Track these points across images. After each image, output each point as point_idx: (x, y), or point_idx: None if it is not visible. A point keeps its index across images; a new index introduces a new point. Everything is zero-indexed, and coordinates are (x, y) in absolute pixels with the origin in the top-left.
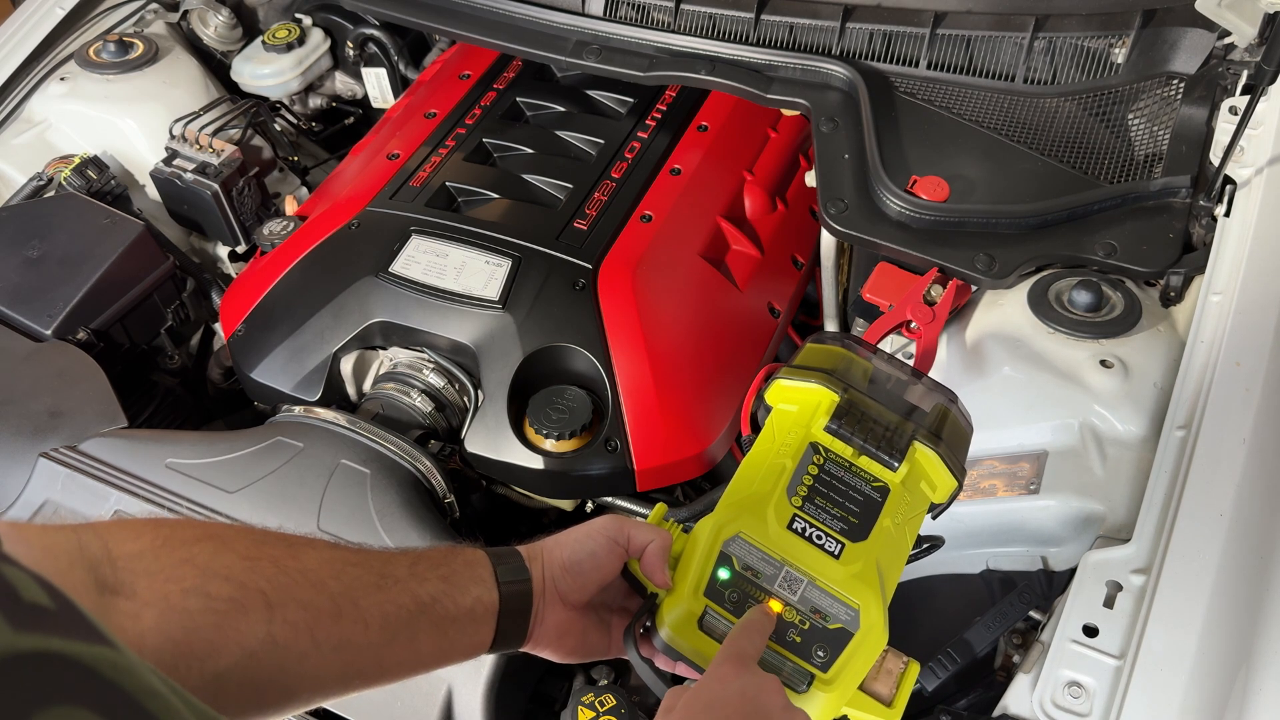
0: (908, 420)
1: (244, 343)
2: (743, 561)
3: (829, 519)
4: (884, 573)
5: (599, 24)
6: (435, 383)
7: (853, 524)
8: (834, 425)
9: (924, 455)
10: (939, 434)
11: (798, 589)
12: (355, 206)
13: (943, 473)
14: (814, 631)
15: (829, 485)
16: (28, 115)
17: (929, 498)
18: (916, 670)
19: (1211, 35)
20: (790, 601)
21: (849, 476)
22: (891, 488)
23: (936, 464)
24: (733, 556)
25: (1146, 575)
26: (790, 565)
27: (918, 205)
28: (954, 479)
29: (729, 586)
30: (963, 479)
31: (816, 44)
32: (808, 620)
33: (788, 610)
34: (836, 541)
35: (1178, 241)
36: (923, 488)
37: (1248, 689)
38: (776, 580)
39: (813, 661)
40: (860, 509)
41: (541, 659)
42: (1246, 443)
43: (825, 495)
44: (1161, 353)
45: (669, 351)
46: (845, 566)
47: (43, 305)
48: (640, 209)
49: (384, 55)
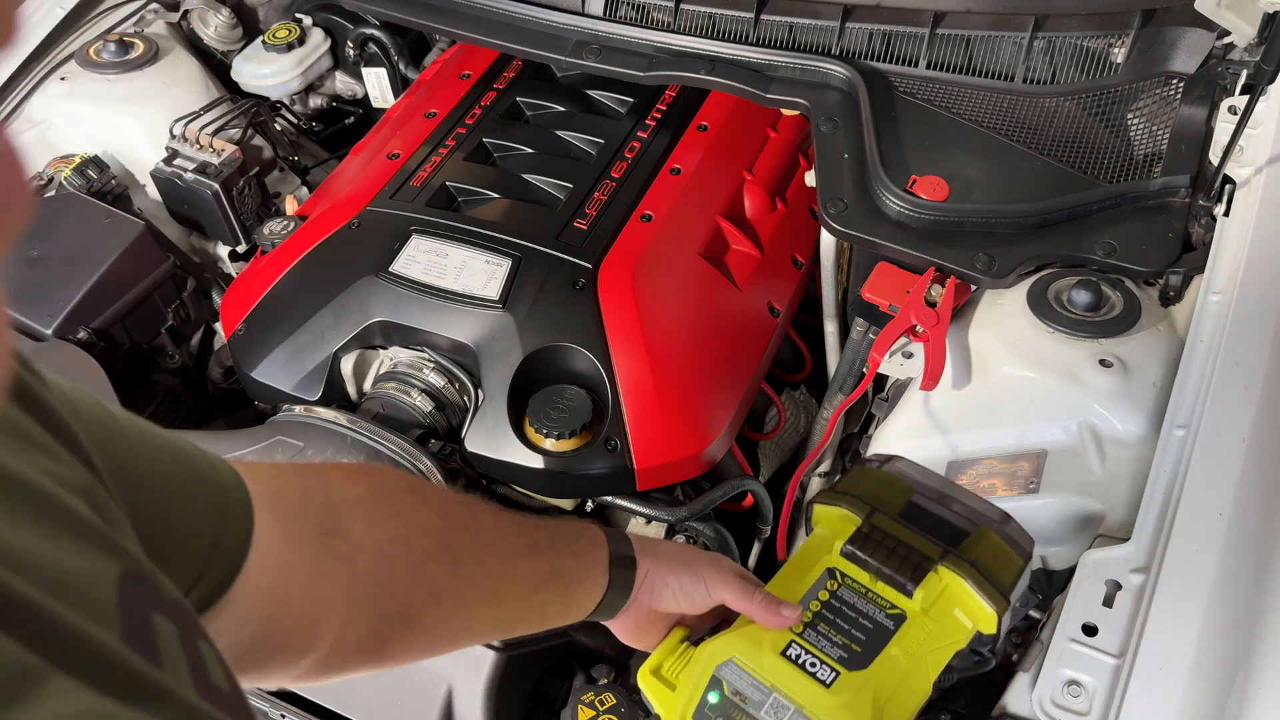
0: (939, 545)
1: (244, 342)
2: (732, 686)
3: (828, 646)
4: (885, 705)
5: (599, 24)
6: (435, 382)
7: (854, 652)
8: (849, 548)
9: (953, 581)
10: (974, 558)
11: (784, 717)
12: (355, 206)
13: (975, 600)
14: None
15: (838, 611)
16: (28, 115)
17: (966, 627)
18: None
19: (1211, 35)
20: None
21: (863, 603)
22: (909, 615)
23: (967, 590)
24: (724, 680)
25: (1146, 574)
26: (779, 692)
27: (917, 205)
28: (990, 608)
29: (717, 711)
30: (1005, 608)
31: (816, 44)
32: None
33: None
34: (831, 669)
35: (1177, 241)
36: (957, 616)
37: (1247, 688)
38: (764, 707)
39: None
40: (868, 636)
41: (541, 659)
42: (1246, 442)
43: (831, 622)
44: (1161, 352)
45: (669, 351)
46: (834, 696)
47: (43, 305)
48: (640, 209)
49: (384, 55)
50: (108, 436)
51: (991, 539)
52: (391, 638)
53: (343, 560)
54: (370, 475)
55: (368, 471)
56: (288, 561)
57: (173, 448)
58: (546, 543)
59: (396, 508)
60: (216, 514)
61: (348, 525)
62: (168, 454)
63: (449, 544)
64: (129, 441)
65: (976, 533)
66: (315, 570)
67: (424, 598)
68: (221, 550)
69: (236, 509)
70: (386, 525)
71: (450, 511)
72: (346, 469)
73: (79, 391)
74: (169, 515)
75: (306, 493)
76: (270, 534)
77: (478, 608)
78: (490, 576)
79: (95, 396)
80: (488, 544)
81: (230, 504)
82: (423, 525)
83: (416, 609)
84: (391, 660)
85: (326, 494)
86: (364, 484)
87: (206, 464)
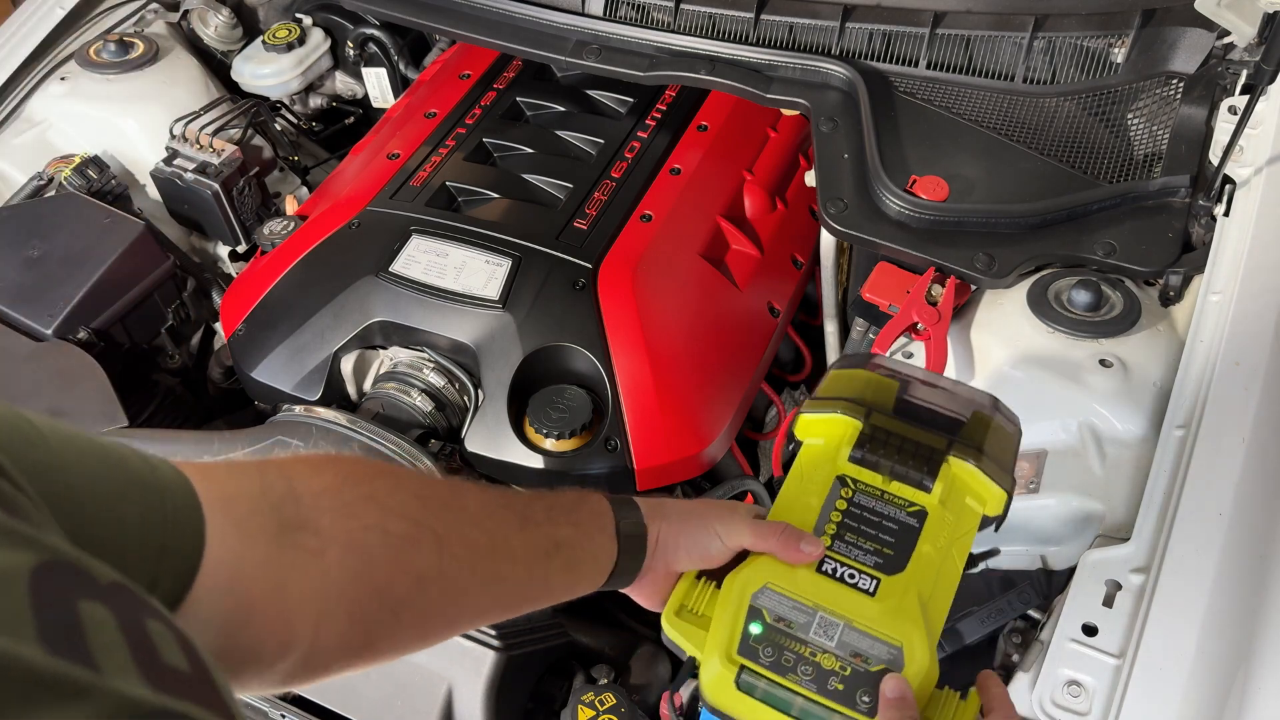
0: (941, 435)
1: (244, 342)
2: (774, 613)
3: (861, 554)
4: (928, 602)
5: (599, 24)
6: (435, 382)
7: (888, 556)
8: (858, 453)
9: (962, 469)
10: (978, 444)
11: (834, 634)
12: (355, 206)
13: (987, 484)
14: (856, 676)
15: (859, 518)
16: (28, 115)
17: (978, 512)
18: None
19: (1211, 35)
20: (828, 648)
21: (881, 506)
22: (930, 510)
23: (978, 476)
24: (763, 609)
25: (1146, 574)
26: (823, 610)
27: (917, 205)
28: (1000, 489)
29: (762, 641)
30: (1012, 486)
31: (816, 44)
32: (848, 665)
33: (826, 657)
34: (870, 578)
35: (1177, 241)
36: (969, 503)
37: (1247, 688)
38: (811, 628)
39: (858, 708)
40: (895, 538)
41: (541, 659)
42: (1246, 442)
43: (855, 530)
44: (1161, 352)
45: (669, 351)
46: (882, 603)
47: (43, 305)
48: (640, 209)
49: (384, 55)
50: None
51: (989, 422)
52: (377, 631)
53: (312, 554)
54: (337, 464)
55: (334, 460)
56: (247, 561)
57: (103, 451)
58: (542, 516)
59: (368, 493)
60: (159, 516)
61: (315, 518)
62: (96, 458)
63: (429, 526)
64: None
65: (973, 418)
66: (279, 568)
67: (407, 585)
68: (169, 554)
69: (183, 510)
70: (358, 513)
71: (429, 494)
72: (311, 460)
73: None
74: (103, 518)
75: (266, 489)
76: (224, 535)
77: (471, 590)
78: (481, 556)
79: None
80: (474, 522)
81: (175, 506)
82: (398, 509)
83: (400, 597)
84: (383, 654)
85: (290, 488)
86: (330, 473)
87: (145, 466)
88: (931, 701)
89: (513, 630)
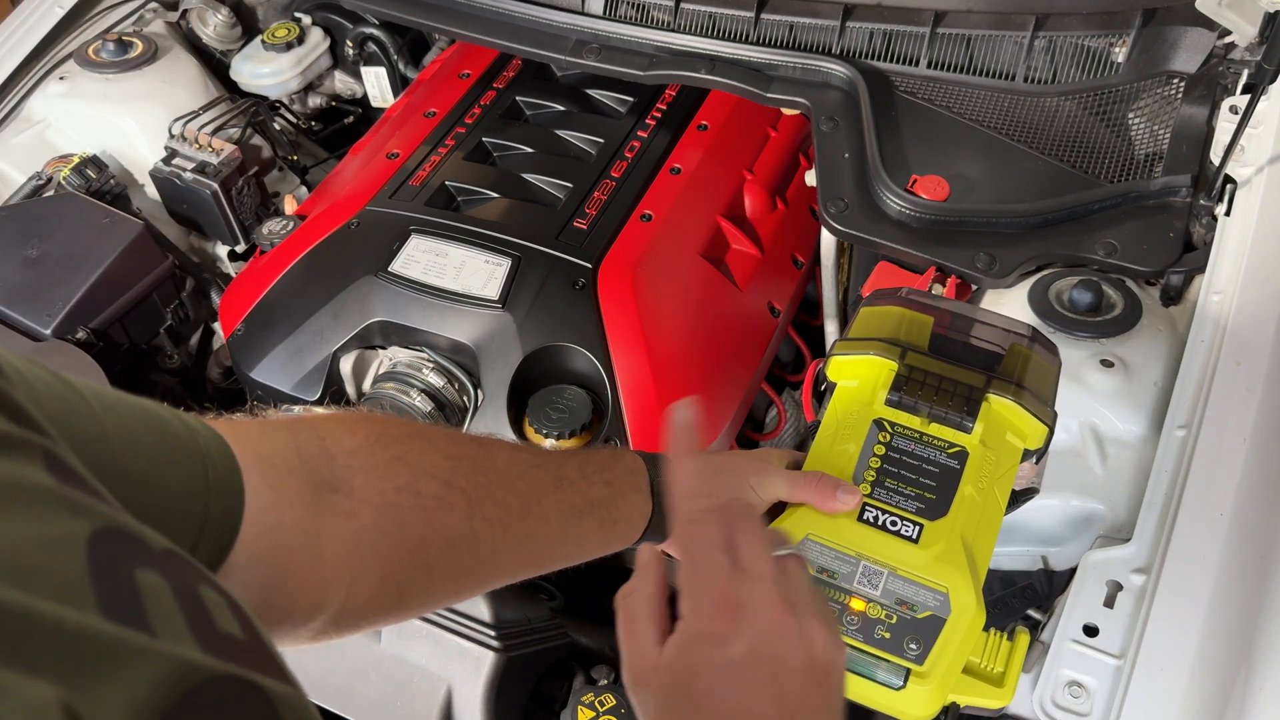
0: (979, 373)
1: (243, 342)
2: (816, 564)
3: (902, 500)
4: (973, 545)
5: (599, 23)
6: (435, 382)
7: (930, 500)
8: (895, 396)
9: (1002, 406)
10: (1017, 378)
11: (879, 582)
12: (355, 206)
13: (1028, 419)
14: (903, 624)
15: (899, 463)
16: (27, 115)
17: (1019, 448)
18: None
19: (1212, 34)
20: (873, 597)
21: (921, 448)
22: (970, 451)
23: (1019, 412)
24: (805, 561)
25: (1147, 575)
26: (866, 558)
27: (918, 204)
28: (1041, 424)
29: None
30: (1054, 419)
31: (816, 43)
32: (894, 614)
33: (872, 606)
34: (913, 524)
35: (1178, 241)
36: (1009, 440)
37: (1248, 688)
38: (855, 577)
39: (905, 656)
40: (937, 482)
41: (540, 659)
42: (1247, 442)
43: (896, 475)
44: (1162, 352)
45: (669, 351)
46: (926, 549)
47: (42, 305)
48: (640, 208)
49: (384, 54)
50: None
51: (1026, 355)
52: (410, 588)
53: (346, 515)
54: (369, 423)
55: (366, 420)
56: (285, 521)
57: (145, 415)
58: (576, 475)
59: (399, 454)
60: (201, 483)
61: (348, 479)
62: (141, 423)
63: (460, 487)
64: (95, 414)
65: (1011, 351)
66: (315, 528)
67: (439, 544)
68: (211, 520)
69: (224, 474)
70: (390, 474)
71: (460, 454)
72: (343, 419)
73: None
74: (149, 485)
75: (300, 448)
76: (262, 495)
77: (503, 548)
78: (513, 515)
79: (51, 371)
80: (506, 483)
81: (216, 471)
82: (429, 470)
83: (432, 557)
84: (415, 610)
85: (323, 447)
86: (363, 433)
87: (185, 429)
88: (980, 644)
89: (512, 631)
